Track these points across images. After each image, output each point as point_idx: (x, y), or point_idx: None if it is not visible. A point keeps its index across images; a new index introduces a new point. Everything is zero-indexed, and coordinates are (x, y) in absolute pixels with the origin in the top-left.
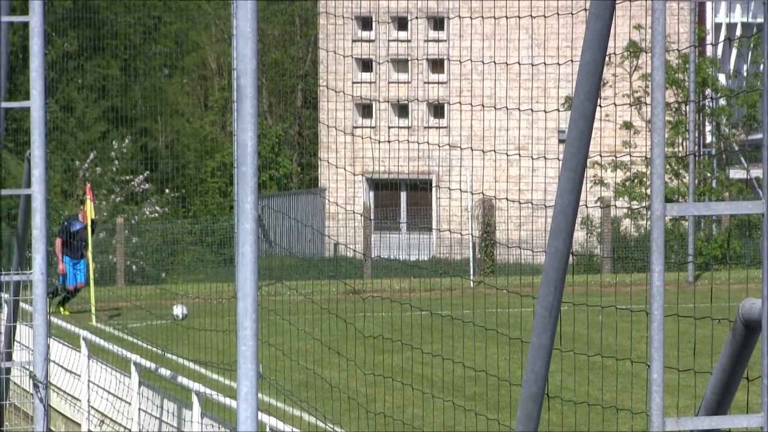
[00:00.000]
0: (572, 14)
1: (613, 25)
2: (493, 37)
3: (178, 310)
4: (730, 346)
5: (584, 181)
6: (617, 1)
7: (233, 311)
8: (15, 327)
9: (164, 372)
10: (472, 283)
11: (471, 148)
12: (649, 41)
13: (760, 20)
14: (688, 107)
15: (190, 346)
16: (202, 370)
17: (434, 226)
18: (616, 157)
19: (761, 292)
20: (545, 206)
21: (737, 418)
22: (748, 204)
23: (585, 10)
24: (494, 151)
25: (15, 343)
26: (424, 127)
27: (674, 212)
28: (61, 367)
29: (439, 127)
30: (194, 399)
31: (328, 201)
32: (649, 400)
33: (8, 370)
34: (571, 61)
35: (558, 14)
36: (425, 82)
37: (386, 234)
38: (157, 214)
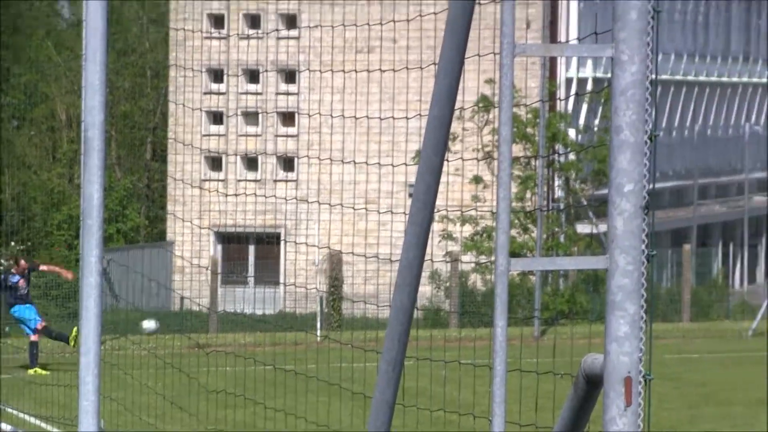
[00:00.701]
0: (421, 68)
1: (463, 80)
2: (344, 91)
3: (149, 324)
4: (572, 401)
5: (432, 236)
6: (466, 57)
7: (76, 365)
8: None
9: (5, 427)
10: (318, 337)
11: (318, 202)
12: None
13: (610, 75)
14: (537, 162)
15: (32, 400)
16: (44, 425)
17: (282, 280)
18: (462, 212)
19: (604, 347)
20: (390, 260)
21: None
22: (592, 259)
23: (434, 64)
24: (341, 205)
25: None
26: (274, 181)
27: (519, 267)
28: None
29: (288, 180)
30: None
31: (175, 255)
32: None
33: None
34: (420, 115)
35: (407, 68)
36: (276, 135)
37: (233, 288)
38: (2, 267)
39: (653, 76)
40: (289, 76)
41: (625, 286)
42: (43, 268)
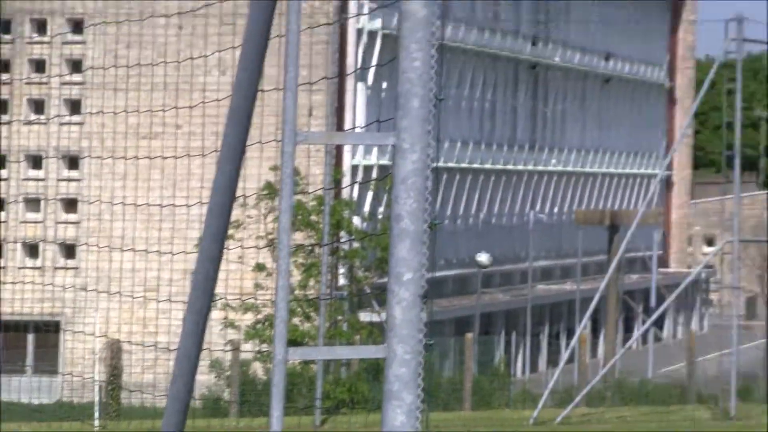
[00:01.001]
0: (204, 155)
1: (246, 167)
2: (125, 177)
3: (483, 257)
4: None
5: (213, 324)
6: (249, 144)
7: None
8: None
9: None
10: (96, 427)
11: (97, 290)
12: None
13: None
14: (321, 249)
15: None
16: None
17: (60, 369)
18: (243, 300)
19: None
20: (169, 349)
21: None
22: (371, 348)
23: (217, 151)
24: (120, 293)
25: None
26: (54, 268)
27: (297, 356)
28: None
29: (69, 268)
30: None
31: None
32: None
33: None
34: (201, 202)
35: (189, 155)
36: (57, 222)
37: (9, 377)
38: None
39: (435, 164)
40: (72, 162)
41: (403, 375)
42: None
